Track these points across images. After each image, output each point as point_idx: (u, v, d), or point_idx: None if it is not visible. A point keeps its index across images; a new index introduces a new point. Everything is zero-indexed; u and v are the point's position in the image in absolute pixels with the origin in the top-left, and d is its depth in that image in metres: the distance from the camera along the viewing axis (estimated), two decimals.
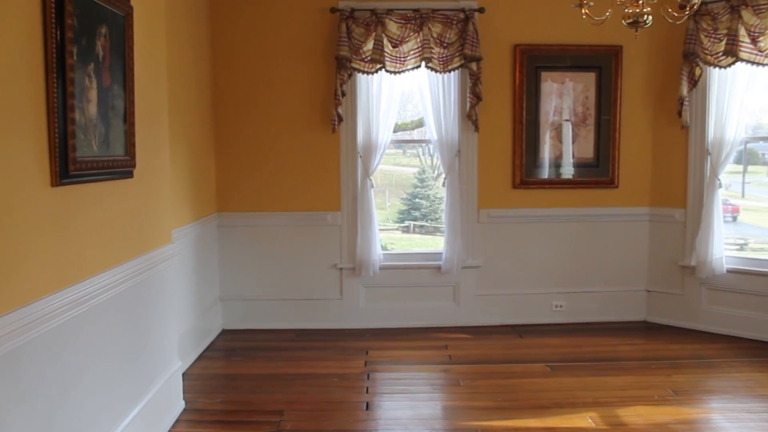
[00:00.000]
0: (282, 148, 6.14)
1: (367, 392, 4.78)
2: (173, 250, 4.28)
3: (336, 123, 5.92)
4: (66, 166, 2.79)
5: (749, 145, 7.20)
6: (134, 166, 3.57)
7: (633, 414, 4.35)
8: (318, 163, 6.17)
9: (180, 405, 4.38)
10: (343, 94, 5.92)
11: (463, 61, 5.91)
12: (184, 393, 4.47)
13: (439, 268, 6.26)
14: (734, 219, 8.41)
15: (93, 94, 3.05)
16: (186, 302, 5.24)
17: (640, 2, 3.63)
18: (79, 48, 2.89)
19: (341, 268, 6.27)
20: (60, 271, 2.82)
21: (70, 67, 2.78)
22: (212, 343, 5.88)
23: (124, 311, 3.51)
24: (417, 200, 10.24)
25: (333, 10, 5.89)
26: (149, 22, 3.86)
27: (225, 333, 6.15)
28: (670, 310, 6.40)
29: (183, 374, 4.67)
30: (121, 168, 3.42)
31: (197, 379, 4.98)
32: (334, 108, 5.90)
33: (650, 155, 6.38)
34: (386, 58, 5.86)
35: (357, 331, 6.21)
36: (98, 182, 3.17)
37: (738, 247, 7.71)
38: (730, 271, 6.03)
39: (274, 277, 6.25)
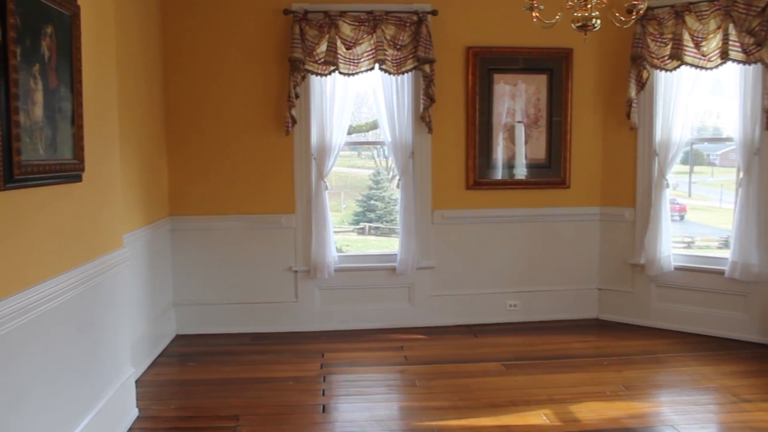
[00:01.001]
0: (235, 151, 6.08)
1: (323, 395, 4.77)
2: (124, 255, 4.21)
3: (290, 125, 5.89)
4: (11, 170, 2.72)
5: (695, 146, 7.38)
6: (83, 169, 3.49)
7: (586, 410, 4.44)
8: (272, 165, 6.13)
9: (133, 412, 4.30)
10: (297, 96, 5.89)
11: (416, 63, 5.93)
12: (137, 400, 4.40)
13: (394, 269, 6.28)
14: (682, 218, 8.62)
15: (39, 96, 2.98)
16: (138, 308, 5.15)
17: (589, 6, 3.69)
18: (23, 48, 2.82)
19: (296, 271, 6.23)
20: (4, 278, 2.74)
21: (13, 68, 2.71)
22: (166, 348, 5.79)
23: (73, 319, 3.43)
24: (372, 202, 10.24)
25: (286, 12, 5.86)
26: (97, 22, 3.78)
27: (179, 338, 6.07)
28: (620, 307, 6.53)
29: (136, 381, 4.59)
30: (69, 172, 3.34)
31: (151, 386, 4.90)
32: (287, 110, 5.87)
33: (600, 156, 6.50)
34: (340, 60, 5.86)
35: (313, 334, 6.18)
36: (45, 186, 3.09)
37: (685, 245, 7.91)
38: (677, 269, 6.18)
39: (229, 280, 6.19)
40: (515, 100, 6.36)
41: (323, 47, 5.83)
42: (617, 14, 3.95)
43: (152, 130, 5.62)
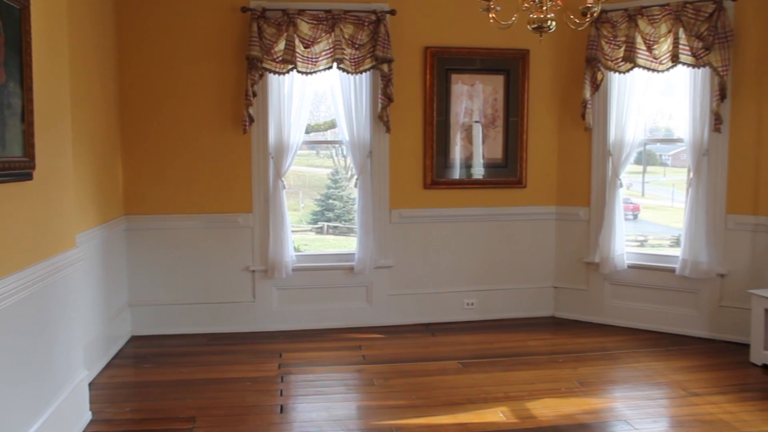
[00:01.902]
0: (192, 150, 6.01)
1: (281, 395, 4.75)
2: (77, 255, 4.13)
3: (247, 124, 5.84)
4: None
5: (648, 147, 7.53)
6: (33, 167, 3.41)
7: (542, 406, 4.50)
8: (229, 164, 6.07)
9: (86, 416, 4.22)
10: (254, 95, 5.85)
11: (374, 63, 5.94)
12: (90, 403, 4.31)
13: (352, 268, 6.28)
14: (635, 217, 8.78)
15: None
16: (92, 309, 5.05)
17: (544, 8, 3.74)
18: None
19: (254, 271, 6.19)
20: None
21: None
22: (121, 350, 5.69)
23: (23, 320, 3.35)
24: (331, 201, 10.21)
25: (244, 10, 5.81)
26: (49, 17, 3.70)
27: (134, 339, 5.97)
28: (575, 305, 6.63)
29: (89, 384, 4.51)
30: (19, 170, 3.26)
31: (105, 389, 4.81)
32: (245, 108, 5.82)
33: (556, 156, 6.60)
34: (298, 59, 5.83)
35: (270, 334, 6.15)
36: None
37: (639, 243, 8.06)
38: (630, 267, 6.31)
39: (185, 281, 6.11)
40: (473, 100, 6.41)
41: (281, 45, 5.80)
42: (572, 17, 4.01)
43: (106, 128, 5.52)
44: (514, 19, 3.89)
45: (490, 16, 3.87)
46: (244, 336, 6.09)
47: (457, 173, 6.45)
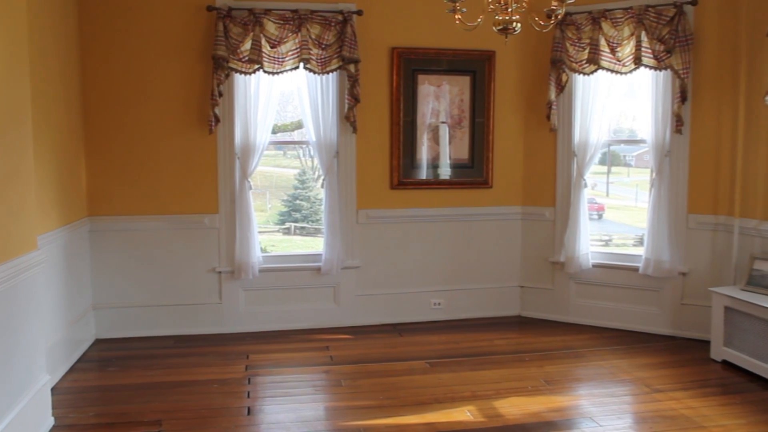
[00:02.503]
0: (157, 150, 5.94)
1: (248, 397, 4.72)
2: (39, 257, 4.05)
3: (213, 124, 5.79)
4: None
5: (612, 148, 7.64)
6: None
7: (509, 405, 4.54)
8: (195, 164, 6.02)
9: (49, 421, 4.15)
10: (220, 95, 5.80)
11: (341, 63, 5.93)
12: (53, 408, 4.24)
13: (319, 269, 6.26)
14: (600, 217, 8.91)
15: None
16: (55, 312, 4.97)
17: (510, 10, 3.77)
18: None
19: (220, 272, 6.14)
20: None
21: None
22: (84, 353, 5.60)
23: None
24: (298, 202, 10.19)
25: (210, 9, 5.76)
26: (7, 14, 3.63)
27: (99, 342, 5.88)
28: (541, 304, 6.70)
29: (52, 388, 4.44)
30: None
31: (68, 393, 4.73)
32: (210, 108, 5.77)
33: (522, 156, 6.66)
34: (264, 59, 5.80)
35: (237, 336, 6.10)
36: None
37: (603, 243, 8.17)
38: (595, 266, 6.39)
39: (151, 282, 6.04)
40: (439, 100, 6.44)
41: (248, 45, 5.76)
42: (537, 18, 4.04)
43: (69, 129, 5.43)
44: (479, 20, 3.92)
45: (456, 17, 3.89)
46: (210, 338, 6.04)
47: (423, 174, 6.47)
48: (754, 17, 5.46)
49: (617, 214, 9.46)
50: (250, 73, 5.84)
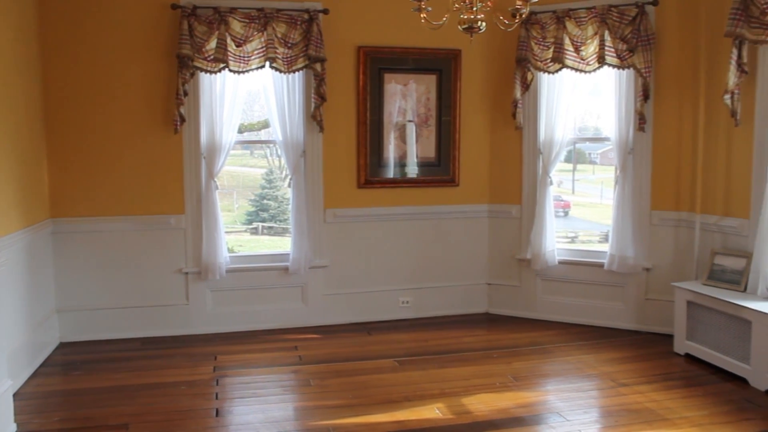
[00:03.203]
0: (121, 150, 5.86)
1: (216, 398, 4.68)
2: None
3: (178, 123, 5.73)
4: None
5: (577, 146, 7.72)
6: None
7: (477, 402, 4.57)
8: (160, 164, 5.95)
9: (11, 428, 4.06)
10: (186, 94, 5.74)
11: (307, 62, 5.91)
12: (15, 414, 4.15)
13: (286, 269, 6.24)
14: (566, 214, 8.99)
15: None
16: (16, 315, 4.87)
17: (474, 9, 3.79)
18: None
19: (187, 273, 6.08)
20: None
21: None
22: (48, 357, 5.50)
23: None
24: (265, 201, 10.14)
25: (174, 7, 5.70)
26: None
27: (63, 346, 5.78)
28: (509, 301, 6.75)
29: (14, 394, 4.37)
30: None
31: (31, 398, 4.65)
32: (176, 108, 5.71)
33: (488, 155, 6.70)
34: (230, 58, 5.75)
35: (205, 337, 6.05)
36: None
37: (569, 239, 8.26)
38: (561, 263, 6.46)
39: (116, 284, 5.96)
40: (406, 99, 6.45)
41: (213, 44, 5.72)
42: (501, 17, 4.07)
43: (30, 130, 5.32)
44: (444, 19, 3.93)
45: (422, 16, 3.90)
46: (177, 339, 5.98)
47: (390, 172, 6.48)
48: (713, 18, 5.56)
49: (583, 211, 9.56)
50: (215, 72, 5.79)
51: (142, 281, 6.01)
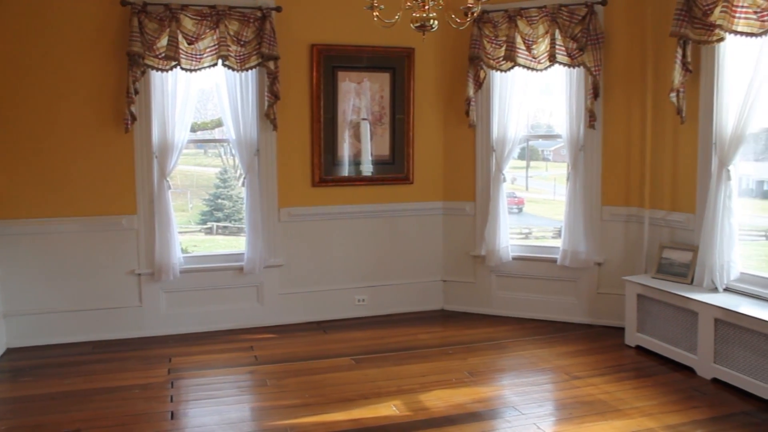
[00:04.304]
0: (70, 149, 5.73)
1: (171, 401, 4.62)
2: None
3: (129, 122, 5.63)
4: None
5: (530, 143, 7.81)
6: None
7: (434, 398, 4.60)
8: (111, 164, 5.84)
9: None
10: (136, 92, 5.65)
11: (260, 60, 5.87)
12: None
13: (241, 268, 6.19)
14: (520, 210, 9.09)
15: None
16: None
17: (427, 7, 3.81)
18: None
19: (139, 274, 5.99)
20: None
21: None
22: None
23: None
24: (220, 201, 10.03)
25: (124, 3, 5.59)
26: None
27: (10, 352, 5.63)
28: (464, 297, 6.81)
29: None
30: None
31: None
32: (126, 106, 5.61)
33: (442, 152, 6.75)
34: (181, 56, 5.68)
35: (159, 339, 5.97)
36: None
37: (523, 236, 8.35)
38: (515, 259, 6.54)
39: (66, 287, 5.83)
40: (360, 97, 6.46)
41: (164, 41, 5.63)
42: (453, 16, 4.11)
43: None
44: (397, 17, 3.95)
45: (375, 14, 3.91)
46: (131, 342, 5.89)
47: (345, 170, 6.47)
48: (659, 18, 5.69)
49: (537, 208, 9.67)
50: (166, 70, 5.71)
51: (93, 283, 5.90)
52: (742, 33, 4.69)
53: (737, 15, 4.68)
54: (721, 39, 4.99)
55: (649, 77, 5.86)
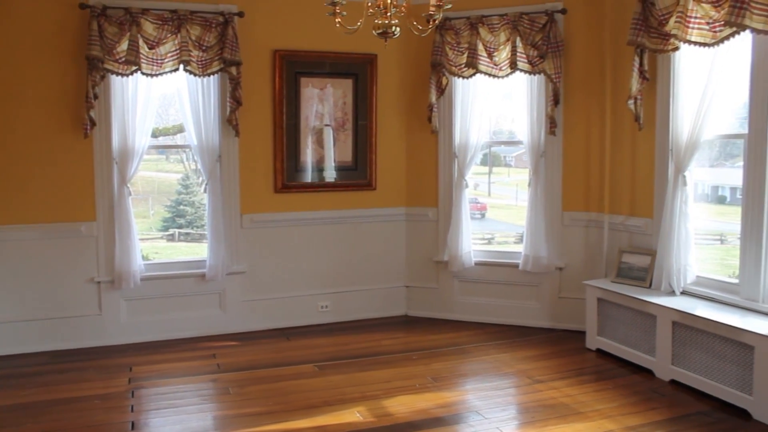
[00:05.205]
0: (27, 155, 5.62)
1: (132, 411, 4.55)
2: None
3: (88, 127, 5.55)
4: None
5: (493, 149, 7.88)
6: None
7: (397, 404, 4.61)
8: (70, 170, 5.74)
9: None
10: (96, 97, 5.57)
11: (222, 65, 5.83)
12: None
13: (203, 275, 6.13)
14: (483, 216, 9.17)
15: None
16: None
17: (389, 14, 3.83)
18: None
19: (99, 282, 5.89)
20: None
21: None
22: None
23: None
24: (182, 207, 9.94)
25: (83, 7, 5.51)
26: None
27: None
28: (427, 303, 6.84)
29: None
30: None
31: None
32: (85, 111, 5.52)
33: (404, 158, 6.77)
34: (142, 60, 5.61)
35: (119, 348, 5.88)
36: None
37: (486, 241, 8.42)
38: (478, 264, 6.58)
39: (22, 296, 5.70)
40: (323, 103, 6.45)
41: (124, 46, 5.56)
42: (415, 23, 4.13)
43: None
44: (359, 23, 3.96)
45: (337, 20, 3.91)
46: (90, 351, 5.78)
47: (308, 177, 6.46)
48: (617, 27, 5.80)
49: (499, 213, 9.76)
50: (127, 75, 5.64)
51: (50, 292, 5.78)
52: (695, 43, 4.81)
53: (691, 25, 4.79)
54: (676, 48, 5.11)
55: (608, 85, 5.97)
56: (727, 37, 4.57)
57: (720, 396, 4.59)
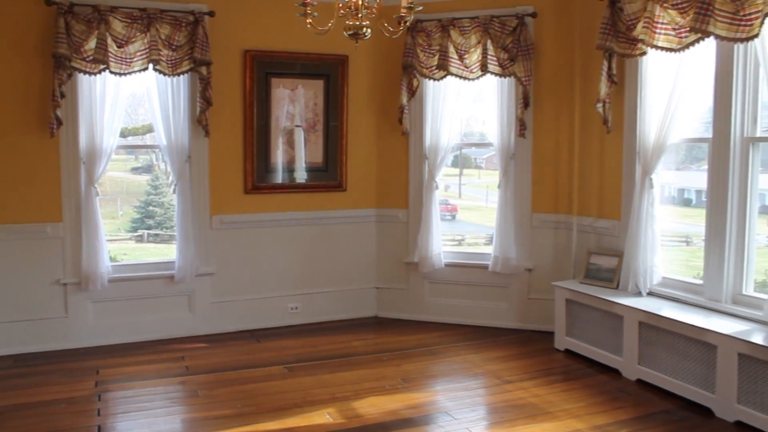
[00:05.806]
0: None
1: (98, 415, 4.49)
2: None
3: (54, 126, 5.46)
4: None
5: (463, 151, 7.93)
6: None
7: (367, 405, 4.61)
8: (35, 170, 5.65)
9: None
10: (62, 96, 5.48)
11: (192, 65, 5.79)
12: None
13: (172, 277, 6.07)
14: (453, 217, 9.22)
15: None
16: None
17: (360, 15, 3.83)
18: None
19: (65, 284, 5.80)
20: None
21: None
22: None
23: None
24: (151, 208, 9.84)
25: (49, 3, 5.42)
26: None
27: None
28: (397, 304, 6.85)
29: None
30: None
31: None
32: (52, 110, 5.44)
33: (375, 159, 6.78)
34: (111, 59, 5.54)
35: (86, 350, 5.79)
36: None
37: (457, 242, 8.46)
38: (448, 265, 6.61)
39: None
40: (294, 104, 6.43)
41: (92, 44, 5.49)
42: (386, 24, 4.14)
43: None
44: (330, 24, 3.96)
45: (308, 21, 3.91)
46: (55, 354, 5.69)
47: (279, 177, 6.44)
48: (586, 31, 5.87)
49: (470, 215, 9.81)
50: (95, 74, 5.57)
51: (14, 294, 5.68)
52: (662, 48, 4.88)
53: (657, 31, 4.87)
54: (644, 53, 5.18)
55: (577, 88, 6.04)
56: (692, 43, 4.66)
57: (684, 395, 4.67)
